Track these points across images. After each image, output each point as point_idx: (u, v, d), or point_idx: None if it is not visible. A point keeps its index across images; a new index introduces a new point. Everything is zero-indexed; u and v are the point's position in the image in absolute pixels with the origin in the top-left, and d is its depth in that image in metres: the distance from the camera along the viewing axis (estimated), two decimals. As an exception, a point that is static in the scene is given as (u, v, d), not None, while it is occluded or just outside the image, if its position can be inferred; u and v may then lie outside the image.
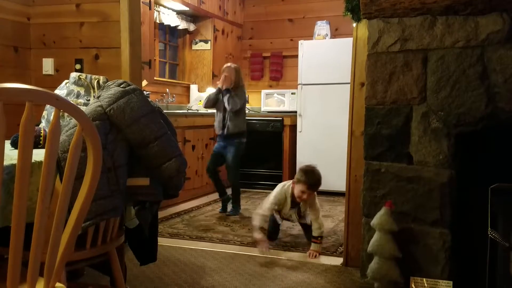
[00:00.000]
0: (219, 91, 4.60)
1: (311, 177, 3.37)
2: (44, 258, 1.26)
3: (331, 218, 4.54)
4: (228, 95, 4.55)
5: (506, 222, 2.32)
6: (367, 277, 2.71)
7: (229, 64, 4.73)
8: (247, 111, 6.73)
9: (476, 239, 2.53)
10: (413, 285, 2.64)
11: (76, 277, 2.70)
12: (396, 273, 2.60)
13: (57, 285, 1.37)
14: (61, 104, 1.18)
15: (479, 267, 2.49)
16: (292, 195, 3.46)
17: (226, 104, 4.55)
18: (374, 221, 2.63)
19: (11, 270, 1.15)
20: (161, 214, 4.38)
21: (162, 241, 3.47)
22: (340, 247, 3.46)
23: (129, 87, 1.98)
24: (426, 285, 2.61)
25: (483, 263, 2.44)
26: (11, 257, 1.14)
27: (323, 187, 6.05)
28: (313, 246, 3.40)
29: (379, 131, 2.71)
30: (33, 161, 1.55)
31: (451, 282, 2.56)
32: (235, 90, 4.58)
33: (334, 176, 5.37)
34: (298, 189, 3.38)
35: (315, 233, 3.41)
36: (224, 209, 4.77)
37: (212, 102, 4.62)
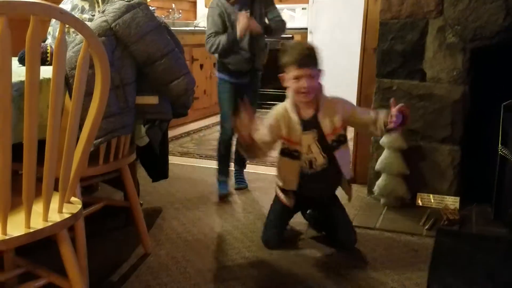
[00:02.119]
0: (233, 38, 2.66)
1: (295, 50, 2.07)
2: (58, 174, 1.28)
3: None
4: (256, 1, 2.77)
5: (517, 139, 2.31)
6: (374, 193, 2.76)
7: None
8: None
9: (486, 156, 2.54)
10: (419, 201, 2.69)
11: (91, 193, 2.78)
12: (403, 189, 2.64)
13: (72, 199, 1.41)
14: (66, 18, 1.14)
15: (487, 184, 2.52)
16: (296, 105, 2.12)
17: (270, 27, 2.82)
18: (384, 139, 2.64)
19: (26, 185, 1.17)
20: (171, 133, 4.41)
21: (172, 160, 3.52)
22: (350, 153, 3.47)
23: (134, 1, 1.91)
24: (432, 201, 2.66)
25: (492, 180, 2.46)
26: (26, 172, 1.16)
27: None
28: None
29: (392, 46, 2.64)
30: (41, 78, 1.53)
31: (458, 198, 2.61)
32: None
33: (345, 95, 5.30)
34: (289, 78, 2.08)
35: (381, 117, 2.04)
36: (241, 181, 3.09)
37: (227, 49, 2.73)
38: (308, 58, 2.04)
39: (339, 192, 2.31)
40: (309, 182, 2.17)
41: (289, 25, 6.44)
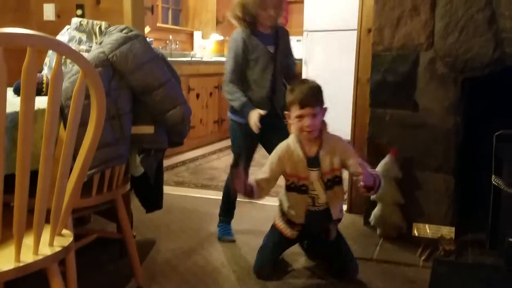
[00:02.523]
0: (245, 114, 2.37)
1: (300, 89, 2.10)
2: (50, 205, 1.28)
3: (335, 166, 4.56)
4: (280, 39, 2.49)
5: (509, 168, 2.32)
6: (370, 223, 2.75)
7: None
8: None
9: (480, 185, 2.54)
10: (415, 231, 2.68)
11: (83, 224, 2.75)
12: (399, 218, 2.63)
13: (63, 231, 1.40)
14: (63, 50, 1.15)
15: (482, 213, 2.52)
16: (300, 142, 2.14)
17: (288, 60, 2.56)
18: (379, 168, 2.64)
19: (17, 217, 1.16)
20: (166, 162, 4.41)
21: (167, 190, 3.50)
22: (344, 195, 3.48)
23: (132, 33, 1.95)
24: (428, 231, 2.65)
25: (486, 210, 2.46)
26: (17, 204, 1.15)
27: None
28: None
29: (385, 77, 2.68)
30: (36, 108, 1.54)
31: (454, 228, 2.60)
32: (280, 30, 2.52)
33: (339, 124, 5.31)
34: (293, 118, 2.10)
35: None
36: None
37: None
38: (311, 98, 2.08)
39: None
40: (312, 218, 2.17)
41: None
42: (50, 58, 2.20)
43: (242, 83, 2.44)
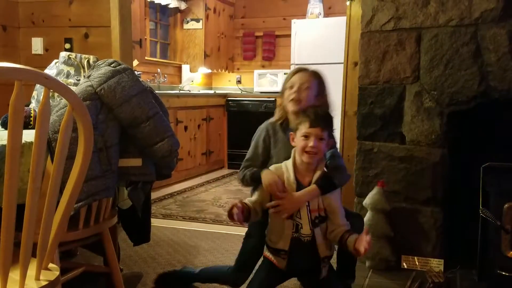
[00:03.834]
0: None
1: (314, 110, 2.03)
2: (37, 239, 1.26)
3: (323, 197, 4.55)
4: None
5: (497, 201, 2.34)
6: (359, 256, 2.73)
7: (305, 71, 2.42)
8: (239, 92, 6.76)
9: (468, 217, 2.55)
10: (404, 264, 2.67)
11: (69, 258, 2.70)
12: (388, 251, 2.62)
13: (50, 265, 1.37)
14: (51, 83, 1.16)
15: (471, 245, 2.52)
16: (294, 165, 2.03)
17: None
18: (367, 200, 2.65)
19: (3, 251, 1.14)
20: (154, 195, 4.38)
21: (155, 222, 3.47)
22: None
23: (120, 66, 1.96)
24: (417, 263, 2.64)
25: (475, 242, 2.46)
26: (3, 238, 1.13)
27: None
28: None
29: (372, 110, 2.71)
30: (23, 141, 1.53)
31: (442, 260, 2.59)
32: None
33: (327, 156, 5.34)
34: (299, 137, 1.99)
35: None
36: None
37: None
38: (322, 120, 2.01)
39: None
40: (297, 248, 2.03)
41: (272, 89, 6.61)
42: (38, 91, 2.20)
43: None
